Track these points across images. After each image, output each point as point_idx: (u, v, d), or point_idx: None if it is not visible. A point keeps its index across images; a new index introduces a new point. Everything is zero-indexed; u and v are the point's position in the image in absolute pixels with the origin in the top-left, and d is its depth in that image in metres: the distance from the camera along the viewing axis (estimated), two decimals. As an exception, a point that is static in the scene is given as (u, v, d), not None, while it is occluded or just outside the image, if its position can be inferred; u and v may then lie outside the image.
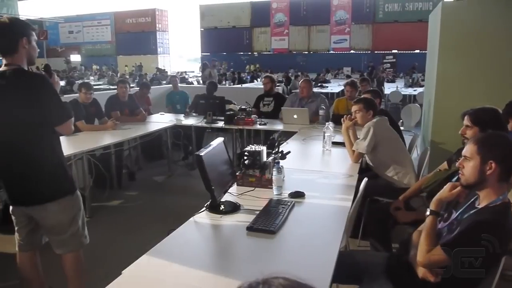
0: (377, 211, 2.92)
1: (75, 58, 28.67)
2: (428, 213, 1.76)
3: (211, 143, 2.31)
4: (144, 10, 29.63)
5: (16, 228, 2.29)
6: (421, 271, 1.70)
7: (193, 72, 26.39)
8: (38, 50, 2.20)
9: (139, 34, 29.17)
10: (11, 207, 2.25)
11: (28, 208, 2.19)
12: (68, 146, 3.64)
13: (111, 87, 13.86)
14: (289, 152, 2.85)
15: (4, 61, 2.09)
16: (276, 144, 2.81)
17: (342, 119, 3.44)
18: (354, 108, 3.34)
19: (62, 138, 2.28)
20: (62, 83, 13.03)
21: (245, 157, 2.58)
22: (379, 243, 2.71)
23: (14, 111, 2.03)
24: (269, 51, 26.76)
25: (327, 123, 3.71)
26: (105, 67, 25.76)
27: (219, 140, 2.40)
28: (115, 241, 3.50)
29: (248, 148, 2.63)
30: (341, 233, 1.91)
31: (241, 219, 2.06)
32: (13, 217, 2.27)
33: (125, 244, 3.37)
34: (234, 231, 1.97)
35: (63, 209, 2.19)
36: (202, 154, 2.05)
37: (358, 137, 3.26)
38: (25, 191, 2.15)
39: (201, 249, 1.84)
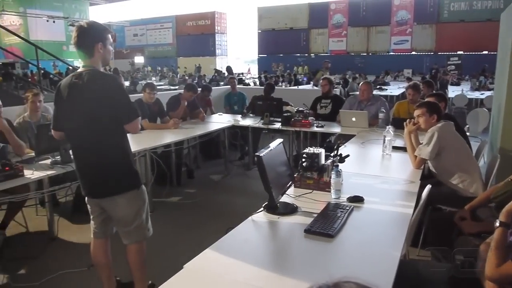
0: (440, 220, 2.80)
1: (139, 59, 30.11)
2: (497, 224, 1.66)
3: (270, 144, 2.32)
4: (204, 13, 30.44)
5: (91, 217, 2.47)
6: (489, 286, 1.61)
7: (249, 73, 26.70)
8: (113, 50, 2.36)
9: (198, 36, 30.01)
10: (86, 198, 2.43)
11: (100, 199, 2.35)
12: (133, 143, 3.80)
13: (172, 87, 14.41)
14: (348, 156, 2.81)
15: (82, 63, 2.28)
16: (335, 147, 2.78)
17: (404, 123, 3.33)
18: (416, 112, 3.22)
19: (128, 135, 2.42)
20: (127, 83, 13.74)
21: (304, 159, 2.57)
22: (442, 253, 2.59)
23: (89, 110, 2.19)
24: (326, 53, 26.40)
25: (387, 126, 3.60)
26: (166, 69, 26.75)
27: (278, 141, 2.41)
28: (175, 236, 3.64)
29: (306, 150, 2.61)
30: (402, 241, 1.85)
31: (298, 221, 2.06)
32: (88, 207, 2.45)
33: (185, 239, 3.51)
34: (292, 232, 1.98)
35: (129, 202, 2.33)
36: (262, 155, 2.07)
37: (421, 142, 3.14)
38: (97, 184, 2.32)
39: (260, 249, 1.87)
